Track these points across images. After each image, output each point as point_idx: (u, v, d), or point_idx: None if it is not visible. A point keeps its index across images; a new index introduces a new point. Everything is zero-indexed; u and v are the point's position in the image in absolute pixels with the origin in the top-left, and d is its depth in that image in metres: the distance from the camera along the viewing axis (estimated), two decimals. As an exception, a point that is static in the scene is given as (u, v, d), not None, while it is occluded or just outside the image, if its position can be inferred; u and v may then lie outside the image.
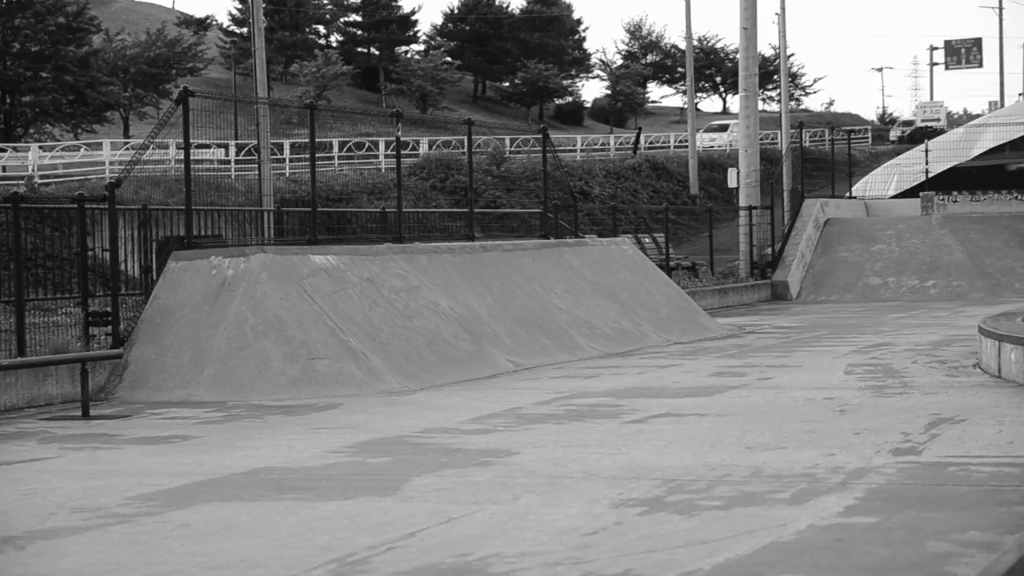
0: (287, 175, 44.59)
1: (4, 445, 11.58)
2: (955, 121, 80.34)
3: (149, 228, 17.56)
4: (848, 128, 62.19)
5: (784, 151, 47.50)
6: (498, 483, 8.88)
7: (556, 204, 29.53)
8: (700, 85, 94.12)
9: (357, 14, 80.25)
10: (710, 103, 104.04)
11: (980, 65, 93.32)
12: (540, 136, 26.27)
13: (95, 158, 43.09)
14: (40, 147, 43.43)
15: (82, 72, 49.23)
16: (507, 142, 55.67)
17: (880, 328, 23.37)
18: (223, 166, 43.30)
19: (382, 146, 50.47)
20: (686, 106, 64.96)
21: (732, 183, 43.14)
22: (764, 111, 75.69)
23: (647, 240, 32.94)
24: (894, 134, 79.16)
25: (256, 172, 33.12)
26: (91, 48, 51.78)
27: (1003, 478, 8.61)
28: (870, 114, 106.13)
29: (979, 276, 33.53)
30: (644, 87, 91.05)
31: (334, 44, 79.80)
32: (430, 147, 52.59)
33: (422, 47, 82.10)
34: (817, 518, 7.48)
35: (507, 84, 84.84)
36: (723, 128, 69.30)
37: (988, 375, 14.90)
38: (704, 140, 64.99)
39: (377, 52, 79.28)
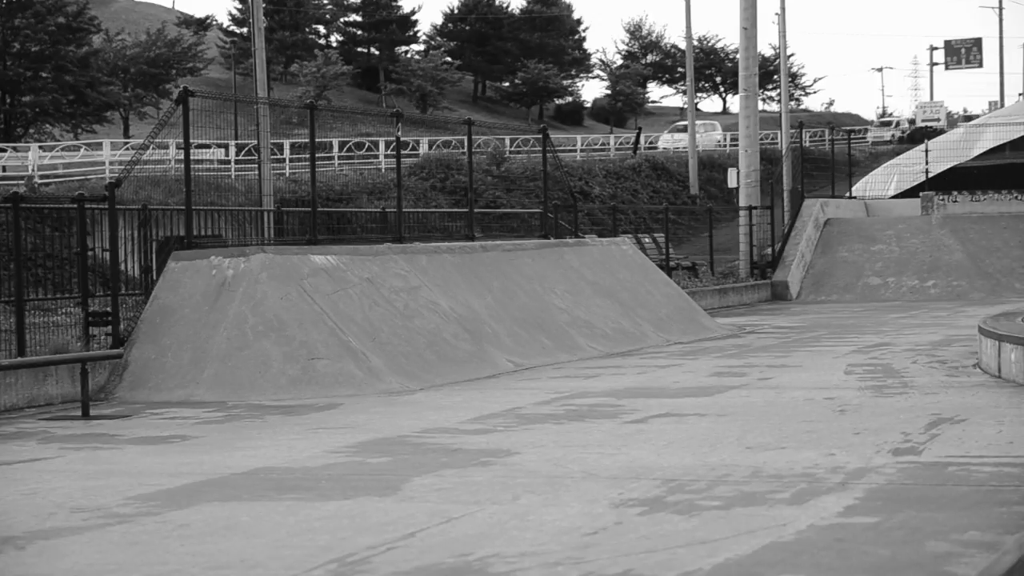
0: (287, 175, 44.59)
1: (4, 445, 11.58)
2: (954, 121, 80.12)
3: (149, 228, 17.56)
4: (848, 128, 62.15)
5: (784, 151, 47.50)
6: (498, 483, 8.88)
7: (556, 204, 29.53)
8: (700, 85, 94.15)
9: (357, 14, 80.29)
10: (710, 103, 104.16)
11: (980, 65, 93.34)
12: (540, 136, 26.27)
13: (95, 158, 43.09)
14: (40, 147, 43.43)
15: (82, 72, 49.23)
16: (507, 142, 55.67)
17: (880, 328, 23.37)
18: (223, 166, 43.30)
19: (382, 146, 50.47)
20: (686, 106, 64.87)
21: (732, 183, 43.13)
22: (764, 111, 75.66)
23: (647, 240, 32.94)
24: (872, 135, 75.08)
25: (256, 172, 33.13)
26: (91, 48, 51.79)
27: (1003, 478, 8.61)
28: (870, 114, 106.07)
29: (979, 276, 33.53)
30: (644, 87, 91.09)
31: (334, 44, 79.84)
32: (430, 147, 52.60)
33: (422, 47, 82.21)
34: (817, 518, 7.48)
35: (507, 84, 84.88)
36: (686, 128, 67.85)
37: (988, 375, 14.90)
38: (666, 142, 64.19)
39: (377, 52, 79.31)
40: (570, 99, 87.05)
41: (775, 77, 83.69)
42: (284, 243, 21.13)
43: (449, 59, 77.92)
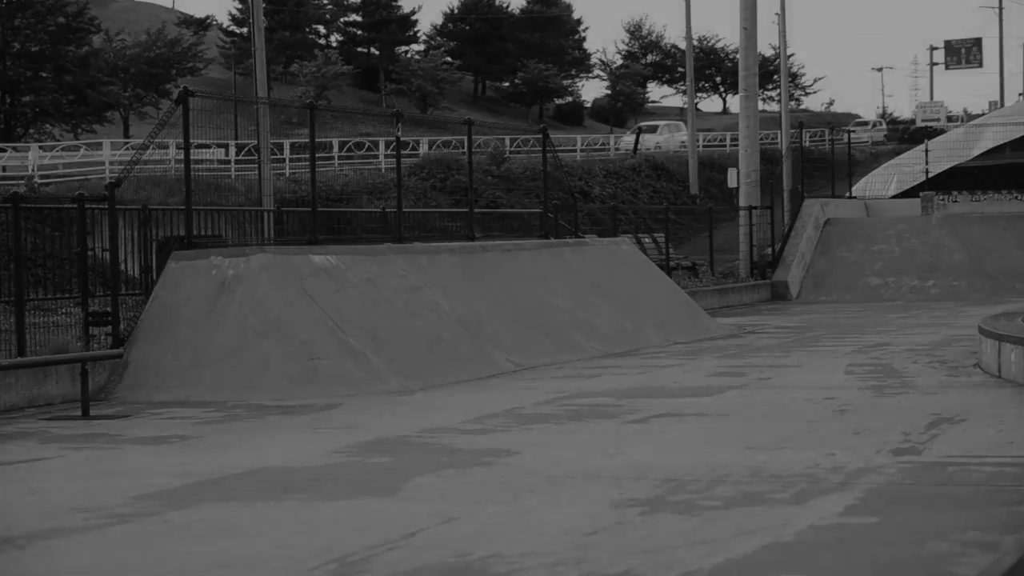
0: (287, 175, 44.56)
1: (4, 445, 11.58)
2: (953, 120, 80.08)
3: (149, 228, 17.55)
4: (848, 128, 62.06)
5: (784, 151, 47.48)
6: (498, 483, 8.88)
7: (556, 204, 29.49)
8: (700, 85, 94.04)
9: (357, 14, 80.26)
10: (710, 103, 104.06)
11: (980, 65, 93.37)
12: (540, 136, 26.26)
13: (95, 158, 43.07)
14: (40, 147, 43.43)
15: (82, 72, 49.21)
16: (507, 142, 55.64)
17: (880, 328, 23.36)
18: (223, 166, 43.28)
19: (382, 146, 50.46)
20: (686, 106, 64.80)
21: (732, 183, 43.10)
22: (764, 111, 75.53)
23: (647, 240, 32.92)
24: (856, 136, 73.48)
25: (256, 172, 33.10)
26: (91, 48, 51.77)
27: (1003, 478, 8.61)
28: (870, 114, 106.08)
29: (979, 276, 33.52)
30: (644, 87, 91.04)
31: (334, 44, 79.81)
32: (430, 147, 52.58)
33: (422, 47, 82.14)
34: (817, 518, 7.48)
35: (507, 84, 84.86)
36: (652, 129, 65.65)
37: (988, 375, 14.90)
38: (633, 143, 63.86)
39: (377, 52, 79.28)
40: (570, 99, 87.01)
41: (775, 77, 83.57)
42: (284, 243, 21.12)
43: (449, 59, 77.85)
